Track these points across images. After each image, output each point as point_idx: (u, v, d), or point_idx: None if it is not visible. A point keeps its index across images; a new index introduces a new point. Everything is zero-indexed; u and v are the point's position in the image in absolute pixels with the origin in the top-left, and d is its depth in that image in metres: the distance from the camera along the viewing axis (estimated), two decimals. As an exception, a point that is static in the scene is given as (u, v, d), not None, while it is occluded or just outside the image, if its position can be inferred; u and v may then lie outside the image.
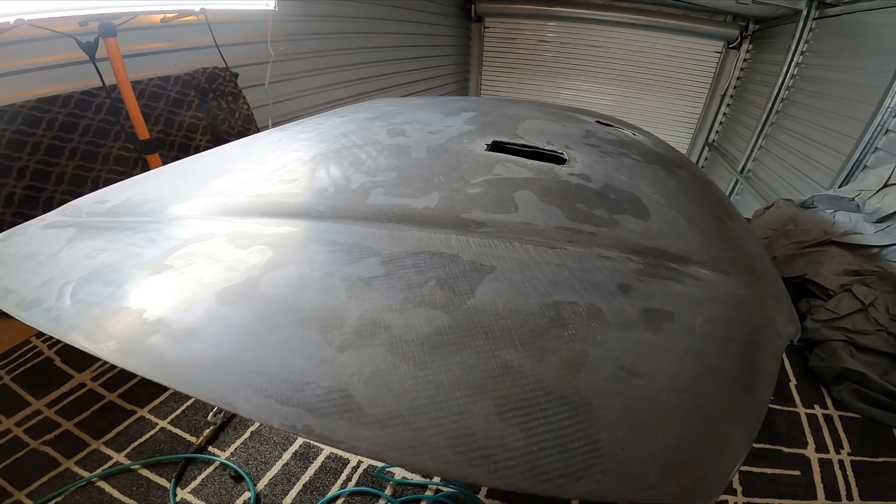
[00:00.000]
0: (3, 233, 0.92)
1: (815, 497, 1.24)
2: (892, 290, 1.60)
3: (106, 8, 1.30)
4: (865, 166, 2.79)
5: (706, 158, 5.99)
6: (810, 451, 1.36)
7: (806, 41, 4.01)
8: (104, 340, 0.66)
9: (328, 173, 1.00)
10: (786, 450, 1.36)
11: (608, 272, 0.78)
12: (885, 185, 2.00)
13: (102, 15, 1.43)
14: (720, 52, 5.35)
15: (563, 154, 1.12)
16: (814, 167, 3.49)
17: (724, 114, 5.64)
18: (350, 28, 3.48)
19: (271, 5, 1.75)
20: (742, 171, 4.75)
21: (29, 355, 1.64)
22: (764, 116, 4.39)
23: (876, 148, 2.78)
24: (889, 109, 2.71)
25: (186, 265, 0.76)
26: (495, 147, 1.14)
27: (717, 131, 5.78)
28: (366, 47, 3.78)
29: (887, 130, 2.71)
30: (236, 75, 2.34)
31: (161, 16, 1.77)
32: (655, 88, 5.74)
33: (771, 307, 0.89)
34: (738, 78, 5.37)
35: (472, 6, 5.57)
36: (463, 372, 0.59)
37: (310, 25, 3.00)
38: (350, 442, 0.52)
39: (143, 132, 1.71)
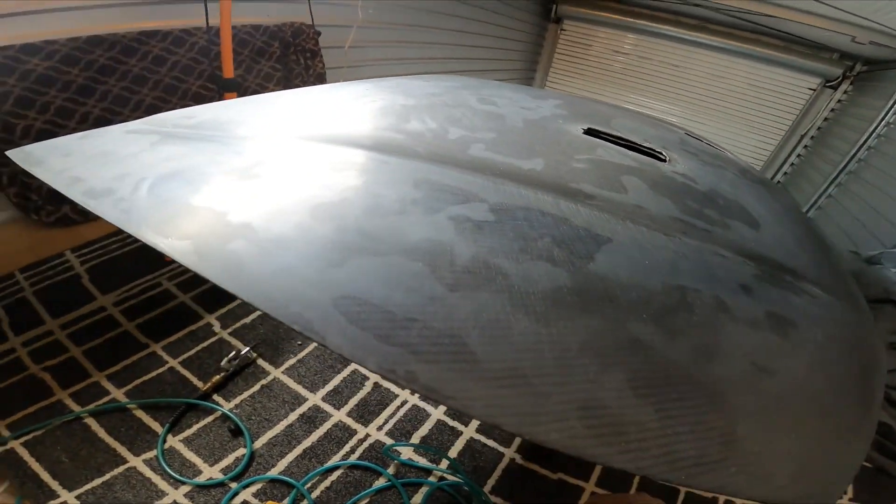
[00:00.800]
0: (82, 133, 0.86)
1: None
2: None
3: None
4: None
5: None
6: None
7: None
8: (178, 238, 0.59)
9: (423, 122, 0.94)
10: None
11: (727, 270, 0.71)
12: None
13: None
14: (814, 90, 4.85)
15: (662, 154, 1.05)
16: (883, 224, 3.25)
17: (799, 155, 5.17)
18: (434, 7, 3.49)
19: None
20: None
21: (59, 268, 1.58)
22: (843, 163, 4.06)
23: None
24: None
25: (277, 177, 0.70)
26: (591, 133, 1.08)
27: (786, 172, 5.33)
28: (445, 28, 3.76)
29: None
30: (319, 34, 2.34)
31: None
32: (728, 117, 5.34)
33: (875, 334, 0.83)
34: (826, 119, 4.89)
35: (554, 6, 5.44)
36: (591, 337, 0.52)
37: None
38: (462, 399, 0.44)
39: (229, 71, 1.71)
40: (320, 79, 2.33)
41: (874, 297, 1.86)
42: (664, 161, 1.01)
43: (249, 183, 0.69)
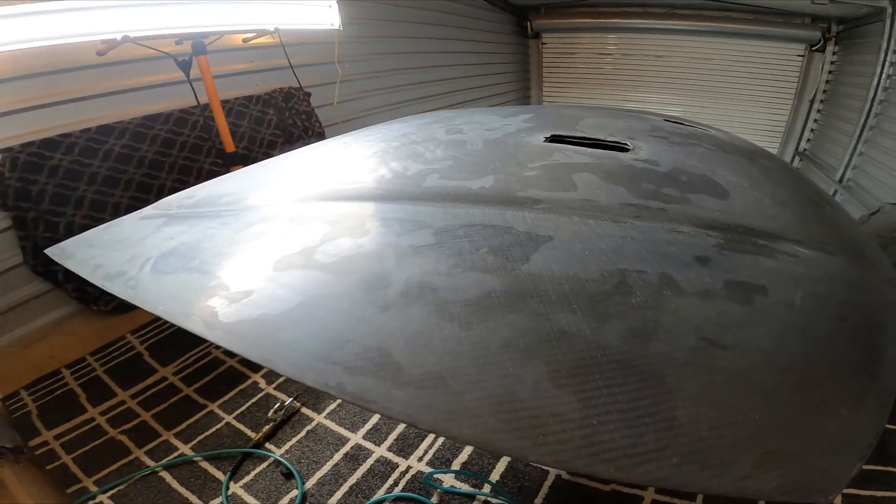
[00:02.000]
0: (105, 224, 1.03)
1: None
2: None
3: (197, 28, 1.45)
4: None
5: (798, 169, 5.41)
6: None
7: None
8: (170, 304, 0.69)
9: (387, 164, 1.02)
10: None
11: (682, 245, 0.70)
12: None
13: (195, 34, 1.61)
14: (803, 56, 4.90)
15: (626, 144, 1.06)
16: None
17: (816, 120, 5.12)
18: (410, 48, 3.64)
19: (336, 24, 1.90)
20: (841, 181, 4.24)
21: (123, 349, 1.80)
22: (862, 120, 3.97)
23: None
24: None
25: (252, 240, 0.80)
26: (554, 139, 1.10)
27: (809, 139, 5.23)
28: (427, 66, 3.92)
29: None
30: (309, 94, 2.49)
31: (242, 36, 1.98)
32: (730, 96, 5.35)
33: (889, 292, 0.75)
34: (828, 81, 4.89)
35: (528, 23, 5.62)
36: (513, 334, 0.54)
37: (372, 45, 3.17)
38: (382, 402, 0.49)
39: (229, 145, 1.87)
40: (320, 137, 2.46)
41: None
42: (626, 150, 1.01)
43: (229, 249, 0.79)
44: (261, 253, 0.76)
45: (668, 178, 0.89)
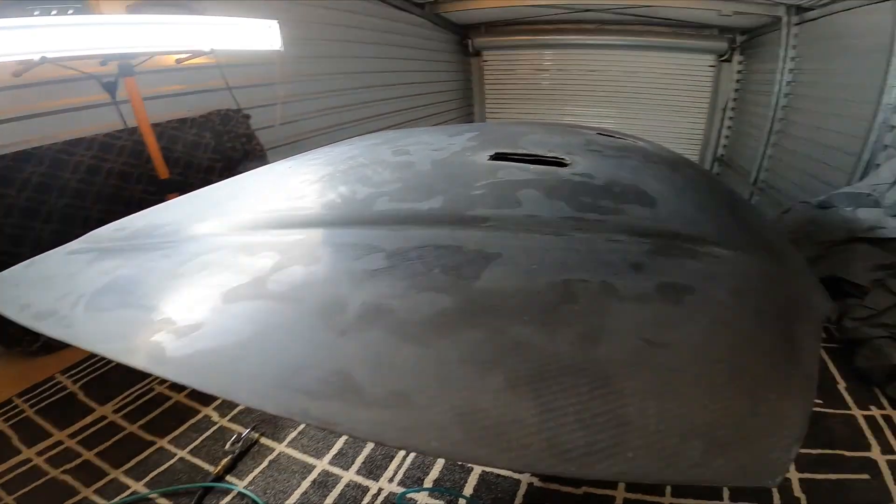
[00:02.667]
0: (28, 260, 0.95)
1: (891, 500, 1.13)
2: None
3: (123, 49, 1.38)
4: (877, 164, 2.74)
5: (717, 174, 5.89)
6: (876, 454, 1.25)
7: (793, 46, 4.07)
8: (111, 341, 0.66)
9: (335, 189, 1.02)
10: (848, 454, 1.26)
11: (619, 253, 0.76)
12: None
13: (121, 54, 1.52)
14: (714, 66, 5.37)
15: (565, 159, 1.13)
16: (827, 170, 3.42)
17: (728, 127, 5.60)
18: (354, 68, 3.62)
19: (277, 45, 1.87)
20: (755, 182, 4.68)
21: (53, 390, 1.67)
22: (768, 126, 4.37)
23: (885, 146, 2.75)
24: (890, 106, 2.71)
25: (197, 272, 0.77)
26: (498, 157, 1.15)
27: (724, 145, 5.71)
28: (371, 85, 3.91)
29: (893, 126, 2.69)
30: (248, 117, 2.40)
31: (175, 57, 1.89)
32: (655, 107, 5.75)
33: (798, 283, 0.85)
34: (736, 90, 5.37)
35: (470, 42, 5.79)
36: (470, 348, 0.57)
37: (315, 65, 3.12)
38: (347, 423, 0.49)
39: (163, 171, 1.77)
40: (262, 160, 2.37)
41: (839, 238, 1.86)
42: (565, 165, 1.08)
43: (172, 283, 0.76)
44: (208, 285, 0.73)
45: (603, 190, 0.96)
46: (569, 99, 5.93)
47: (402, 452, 1.43)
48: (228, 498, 1.28)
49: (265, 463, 1.40)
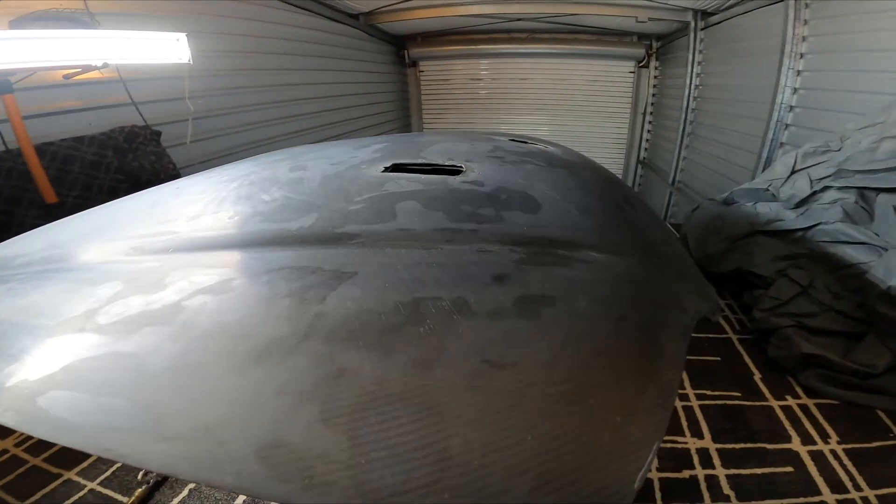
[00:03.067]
0: None
1: (818, 493, 1.13)
2: (827, 269, 1.57)
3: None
4: (774, 160, 2.89)
5: (641, 176, 6.12)
6: (797, 445, 1.27)
7: (700, 51, 4.27)
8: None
9: (211, 210, 0.96)
10: (769, 446, 1.27)
11: (485, 265, 0.73)
12: (793, 172, 2.06)
13: None
14: (633, 72, 5.60)
15: (461, 167, 1.10)
16: (733, 168, 3.63)
17: (648, 131, 5.86)
18: (279, 81, 3.44)
19: (185, 59, 1.78)
20: (673, 183, 4.87)
21: None
22: (681, 129, 4.59)
23: (781, 143, 2.91)
24: (782, 105, 2.88)
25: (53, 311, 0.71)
26: (394, 168, 1.12)
27: (646, 148, 5.96)
28: (300, 99, 3.74)
29: (787, 125, 2.84)
30: (158, 133, 2.24)
31: (63, 72, 1.76)
32: (584, 114, 5.93)
33: (676, 285, 0.84)
34: (653, 95, 5.63)
35: (406, 52, 5.78)
36: (290, 378, 0.53)
37: (232, 79, 2.95)
38: (137, 456, 0.47)
39: (49, 195, 1.62)
40: (175, 179, 2.19)
41: (742, 233, 1.92)
42: (459, 173, 1.05)
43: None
44: (60, 318, 0.67)
45: (488, 197, 0.94)
46: (504, 107, 6.04)
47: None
48: (146, 530, 1.21)
49: (185, 492, 1.32)
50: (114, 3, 2.02)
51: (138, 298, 0.68)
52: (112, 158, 1.92)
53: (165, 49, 1.74)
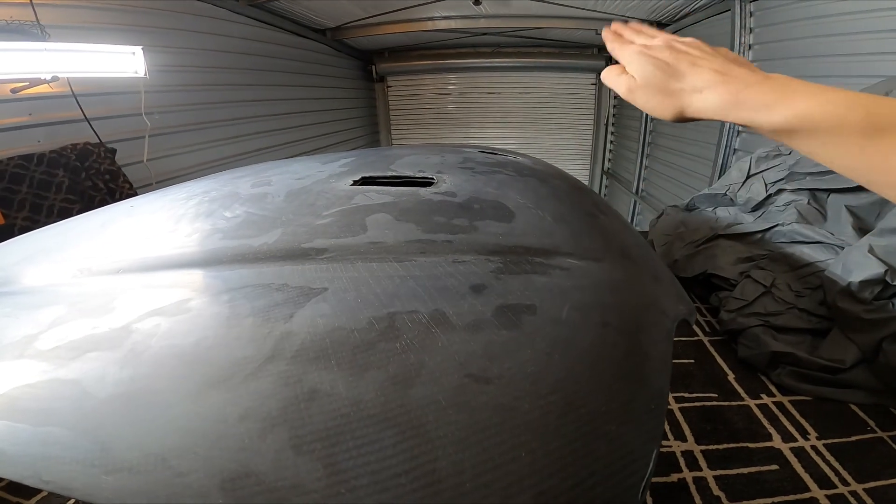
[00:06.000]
0: None
1: (806, 489, 1.14)
2: (787, 268, 1.63)
3: None
4: (729, 166, 3.04)
5: (606, 186, 6.32)
6: (778, 443, 1.28)
7: None
8: None
9: (165, 229, 0.90)
10: (752, 445, 1.28)
11: (461, 276, 0.70)
12: (748, 177, 2.15)
13: None
14: (595, 84, 5.77)
15: (432, 178, 1.09)
16: (692, 176, 3.82)
17: (611, 142, 6.04)
18: (242, 97, 3.36)
19: (141, 73, 1.70)
20: (637, 192, 5.05)
21: None
22: (641, 139, 4.78)
23: (735, 149, 3.05)
24: None
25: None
26: (364, 182, 1.09)
27: (609, 159, 6.15)
28: (265, 115, 3.65)
29: (739, 132, 3.00)
30: (113, 151, 2.13)
31: (10, 86, 1.66)
32: (549, 125, 6.08)
33: (653, 288, 0.84)
34: (614, 106, 5.80)
35: (373, 67, 5.79)
36: (255, 403, 0.48)
37: (192, 95, 2.85)
38: (86, 490, 0.42)
39: None
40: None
41: (705, 237, 1.99)
42: (430, 185, 1.04)
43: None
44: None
45: (461, 207, 0.92)
46: (473, 121, 6.14)
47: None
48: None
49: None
50: (66, 15, 1.92)
51: (83, 322, 0.62)
52: (63, 178, 1.79)
53: (120, 62, 1.67)
